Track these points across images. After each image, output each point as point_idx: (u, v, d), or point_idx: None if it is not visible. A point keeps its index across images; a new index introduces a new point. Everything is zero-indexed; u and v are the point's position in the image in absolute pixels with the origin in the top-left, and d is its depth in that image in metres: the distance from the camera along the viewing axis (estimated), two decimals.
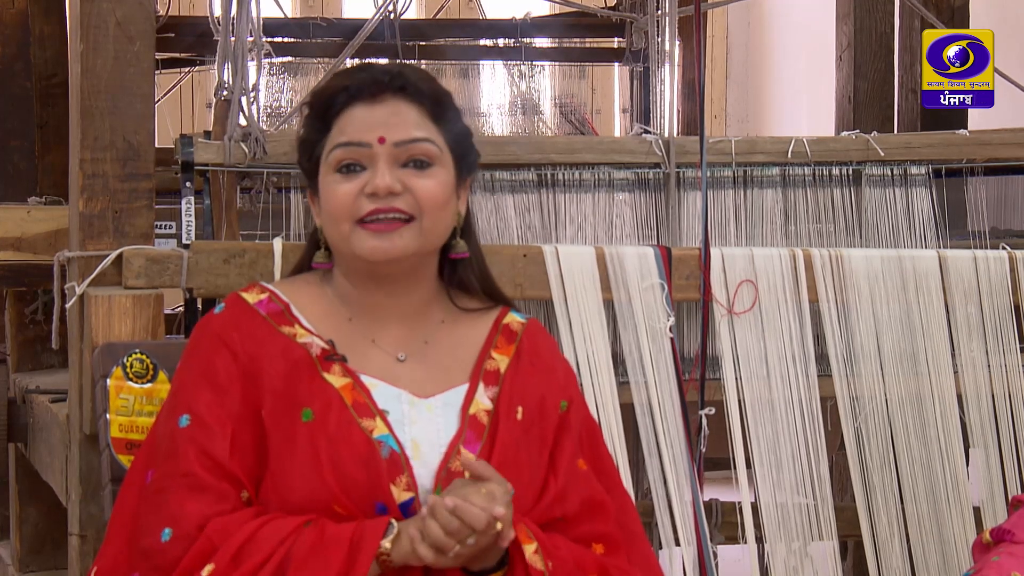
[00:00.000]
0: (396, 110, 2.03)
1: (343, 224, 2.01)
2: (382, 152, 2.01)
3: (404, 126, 2.03)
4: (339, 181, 2.02)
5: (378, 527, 1.91)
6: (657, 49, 3.90)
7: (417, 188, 2.01)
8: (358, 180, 2.01)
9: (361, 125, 2.02)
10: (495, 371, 2.08)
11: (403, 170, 2.02)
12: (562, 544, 2.01)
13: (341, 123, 2.04)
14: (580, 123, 5.35)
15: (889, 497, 2.89)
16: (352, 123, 2.03)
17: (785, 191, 3.01)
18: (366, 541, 1.89)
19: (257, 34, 2.80)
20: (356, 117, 2.03)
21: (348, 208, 2.01)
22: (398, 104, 2.04)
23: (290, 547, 1.90)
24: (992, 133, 3.11)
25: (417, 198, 2.01)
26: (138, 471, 2.03)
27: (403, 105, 2.04)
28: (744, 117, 8.13)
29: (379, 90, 2.03)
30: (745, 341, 2.85)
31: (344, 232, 2.02)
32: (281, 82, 5.02)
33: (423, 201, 2.01)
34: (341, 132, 2.03)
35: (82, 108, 2.64)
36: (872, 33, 4.04)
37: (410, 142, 2.02)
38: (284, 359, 2.01)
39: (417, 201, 2.01)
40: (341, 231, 2.02)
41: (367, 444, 1.97)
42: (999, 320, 2.94)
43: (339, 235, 2.03)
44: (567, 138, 4.41)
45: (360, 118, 2.03)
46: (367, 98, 2.03)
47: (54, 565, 3.67)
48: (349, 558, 1.88)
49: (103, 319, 2.58)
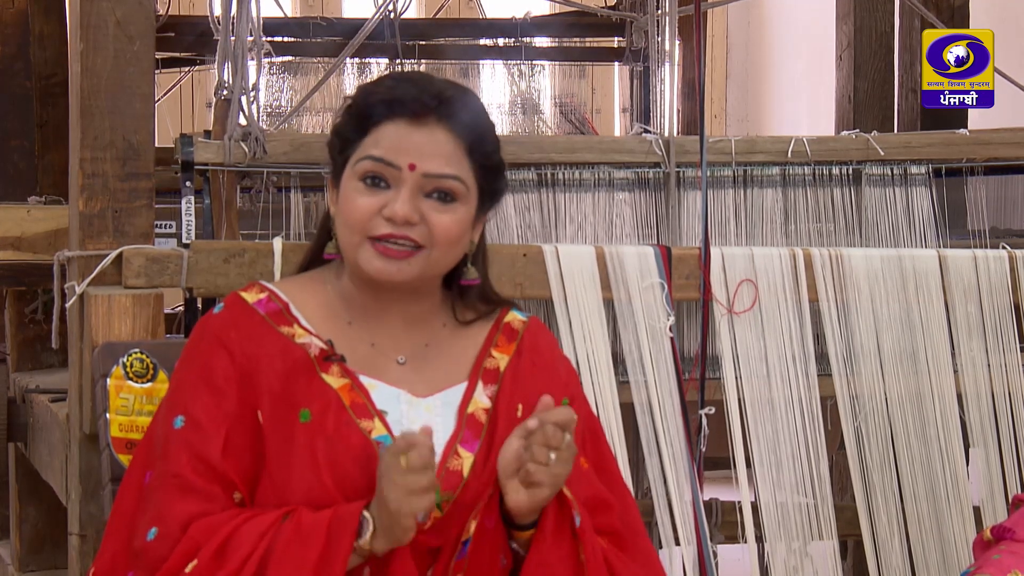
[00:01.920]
0: (434, 139, 2.00)
1: (355, 236, 2.01)
2: (409, 178, 1.99)
3: (438, 159, 2.00)
4: (361, 192, 2.01)
5: (350, 521, 1.89)
6: (657, 49, 3.90)
7: (434, 223, 2.00)
8: (380, 197, 2.00)
9: (396, 145, 2.00)
10: (495, 369, 2.08)
11: (426, 200, 2.00)
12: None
13: (377, 134, 2.01)
14: (580, 122, 5.35)
15: (889, 496, 2.89)
16: (387, 139, 2.00)
17: (785, 191, 3.01)
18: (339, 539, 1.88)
19: (257, 33, 2.80)
20: (393, 134, 2.00)
21: (363, 223, 2.00)
22: (438, 133, 2.01)
23: (272, 538, 1.89)
24: (992, 133, 3.11)
25: (432, 232, 2.00)
26: (135, 471, 2.03)
27: (442, 134, 2.01)
28: (744, 117, 8.14)
29: (422, 112, 2.00)
30: (745, 340, 2.85)
31: (354, 243, 2.01)
32: (281, 81, 5.03)
33: (437, 236, 2.00)
34: (375, 144, 2.01)
35: (82, 107, 2.64)
36: (872, 33, 4.04)
37: (439, 176, 2.00)
38: (282, 359, 2.00)
39: (431, 234, 2.00)
40: (352, 241, 2.02)
41: (365, 445, 1.97)
42: (999, 319, 2.94)
43: (349, 244, 2.02)
44: (567, 137, 4.40)
45: (397, 138, 2.00)
46: (408, 117, 2.00)
47: (54, 564, 3.67)
48: (325, 552, 1.87)
49: (103, 318, 2.58)
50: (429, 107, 2.00)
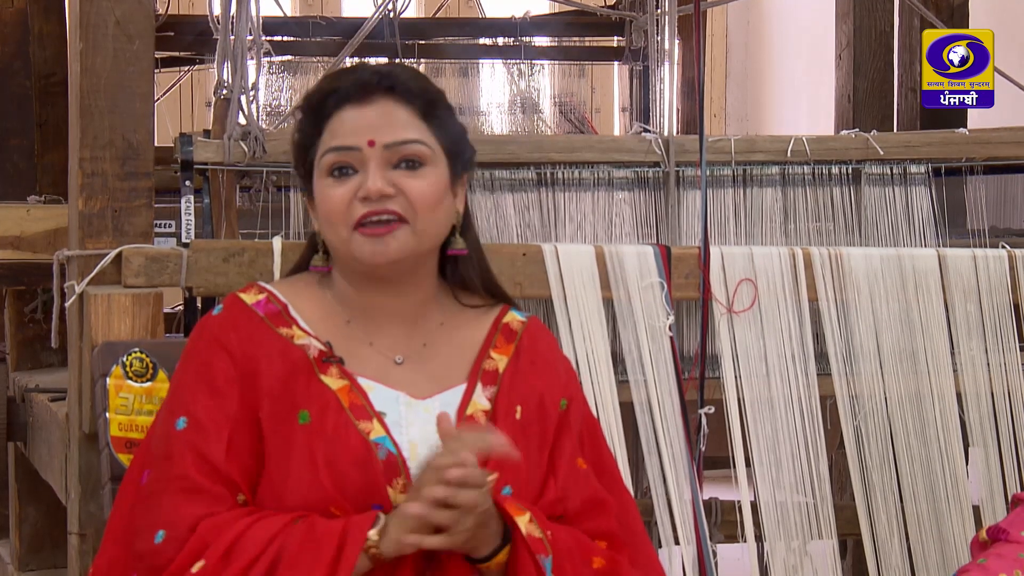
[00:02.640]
0: (385, 111, 2.02)
1: (340, 229, 2.01)
2: (372, 155, 2.00)
3: (394, 128, 2.01)
4: (332, 185, 2.01)
5: (365, 520, 1.90)
6: (657, 48, 3.90)
7: (409, 189, 2.00)
8: (351, 184, 2.00)
9: (351, 128, 2.01)
10: (493, 371, 2.08)
11: (395, 171, 2.01)
12: (560, 526, 2.01)
13: (332, 126, 2.02)
14: (579, 122, 5.36)
15: (888, 496, 2.89)
16: (342, 126, 2.02)
17: (784, 190, 3.01)
18: (352, 535, 1.89)
19: (256, 33, 2.80)
20: (346, 120, 2.02)
21: (343, 213, 2.00)
22: (387, 105, 2.02)
23: (280, 544, 1.89)
24: (991, 132, 3.11)
25: (410, 199, 2.00)
26: (135, 472, 2.03)
27: (392, 106, 2.02)
28: (743, 116, 8.14)
29: (368, 91, 2.02)
30: (744, 340, 2.85)
31: (342, 237, 2.01)
32: (281, 81, 5.03)
33: (416, 202, 2.00)
34: (332, 136, 2.02)
35: (81, 107, 2.64)
36: (872, 32, 4.04)
37: (400, 144, 2.01)
38: (282, 361, 2.00)
39: (410, 202, 2.00)
40: (339, 236, 2.01)
41: (364, 446, 1.96)
42: (998, 319, 2.94)
43: (338, 240, 2.02)
44: (567, 137, 4.40)
45: (350, 121, 2.02)
46: (356, 100, 2.02)
47: (53, 564, 3.67)
48: (337, 552, 1.88)
49: (102, 318, 2.58)
50: (372, 84, 2.02)
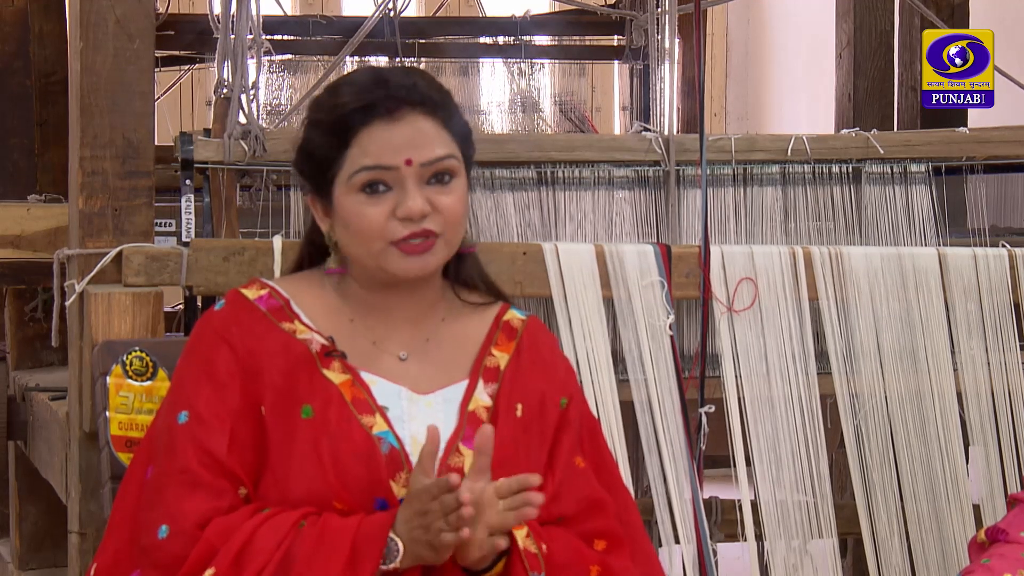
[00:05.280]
0: (417, 128, 2.00)
1: (374, 243, 2.00)
2: (409, 174, 1.99)
3: (428, 145, 2.00)
4: (365, 203, 2.00)
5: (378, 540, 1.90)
6: (657, 47, 3.89)
7: (443, 207, 2.00)
8: (386, 202, 1.99)
9: (385, 147, 1.99)
10: (495, 368, 2.08)
11: (428, 187, 2.00)
12: (559, 534, 2.01)
13: (362, 143, 2.00)
14: (580, 121, 5.35)
15: (889, 495, 2.89)
16: (374, 144, 1.99)
17: (785, 189, 3.01)
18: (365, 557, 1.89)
19: (257, 32, 2.80)
20: (378, 137, 1.99)
21: (380, 231, 1.99)
22: (417, 120, 2.01)
23: (289, 547, 1.90)
24: (992, 131, 3.11)
25: (443, 216, 2.00)
26: (138, 467, 2.03)
27: (422, 120, 2.01)
28: (744, 115, 8.14)
29: (396, 106, 2.00)
30: (745, 339, 2.85)
31: (375, 250, 2.00)
32: (281, 80, 5.02)
33: (448, 218, 2.01)
34: (364, 154, 1.99)
35: (81, 106, 2.64)
36: (872, 31, 4.04)
37: (435, 161, 2.01)
38: (284, 355, 2.01)
39: (443, 219, 2.01)
40: (371, 250, 2.01)
41: (367, 440, 1.97)
42: (999, 318, 2.94)
43: (368, 254, 2.01)
44: (567, 136, 4.40)
45: (383, 139, 1.99)
46: (385, 115, 2.00)
47: (54, 563, 3.67)
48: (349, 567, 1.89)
49: (103, 317, 2.58)
50: (400, 100, 2.00)
